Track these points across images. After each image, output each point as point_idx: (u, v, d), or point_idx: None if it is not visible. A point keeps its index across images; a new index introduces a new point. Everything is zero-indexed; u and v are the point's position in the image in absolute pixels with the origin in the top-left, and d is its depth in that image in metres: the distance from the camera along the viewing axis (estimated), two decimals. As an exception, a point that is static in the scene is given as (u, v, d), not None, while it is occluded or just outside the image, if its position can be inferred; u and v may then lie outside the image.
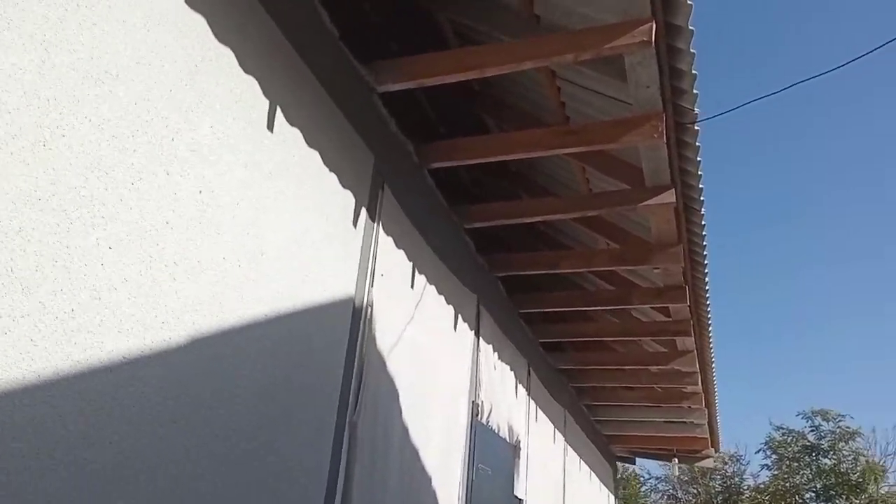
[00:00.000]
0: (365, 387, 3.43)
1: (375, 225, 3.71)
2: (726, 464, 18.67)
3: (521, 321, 6.81)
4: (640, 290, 6.14)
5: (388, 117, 4.04)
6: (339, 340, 3.28)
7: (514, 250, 5.94)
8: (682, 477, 19.07)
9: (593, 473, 10.20)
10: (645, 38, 3.24)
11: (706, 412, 9.39)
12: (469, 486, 4.88)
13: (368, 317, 3.54)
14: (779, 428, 18.23)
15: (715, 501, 17.95)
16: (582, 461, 9.38)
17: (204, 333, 2.35)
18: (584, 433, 9.77)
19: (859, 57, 3.86)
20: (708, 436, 10.87)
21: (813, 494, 17.29)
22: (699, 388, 8.49)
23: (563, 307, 6.42)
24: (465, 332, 5.08)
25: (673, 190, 4.58)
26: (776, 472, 17.95)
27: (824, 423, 17.90)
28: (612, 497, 11.77)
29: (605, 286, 6.48)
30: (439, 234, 4.70)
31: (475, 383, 5.17)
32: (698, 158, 4.37)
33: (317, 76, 3.17)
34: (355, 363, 3.40)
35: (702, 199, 4.79)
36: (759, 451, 18.54)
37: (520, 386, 6.44)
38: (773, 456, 18.33)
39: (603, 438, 11.42)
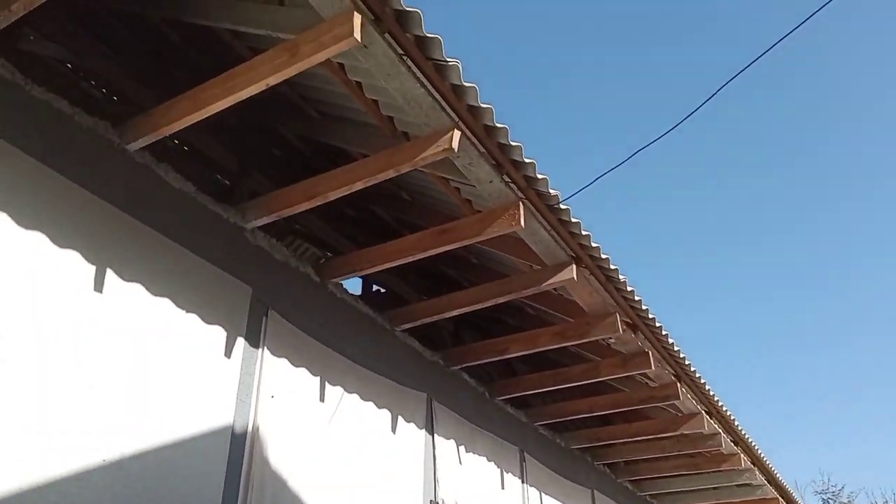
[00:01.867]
0: (253, 508, 3.63)
1: (260, 350, 4.00)
2: None
3: (508, 408, 6.83)
4: (608, 361, 6.10)
5: (278, 246, 4.42)
6: (215, 469, 3.53)
7: (466, 342, 6.08)
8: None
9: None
10: (446, 147, 3.49)
11: (755, 471, 8.87)
12: (433, 590, 4.88)
13: (255, 440, 3.78)
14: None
15: None
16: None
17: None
18: (632, 511, 9.38)
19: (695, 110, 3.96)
20: (778, 495, 10.21)
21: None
22: (734, 448, 8.11)
23: (538, 389, 6.42)
24: (413, 432, 5.20)
25: (573, 266, 4.68)
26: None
27: None
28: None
29: (578, 361, 6.46)
30: (362, 343, 4.93)
31: (432, 481, 5.24)
32: (585, 232, 4.49)
33: (163, 232, 3.58)
34: (240, 487, 3.62)
35: (613, 266, 4.86)
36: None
37: (508, 475, 6.39)
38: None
39: (667, 512, 10.86)
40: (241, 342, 3.89)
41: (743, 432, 8.05)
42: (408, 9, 3.06)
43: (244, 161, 4.57)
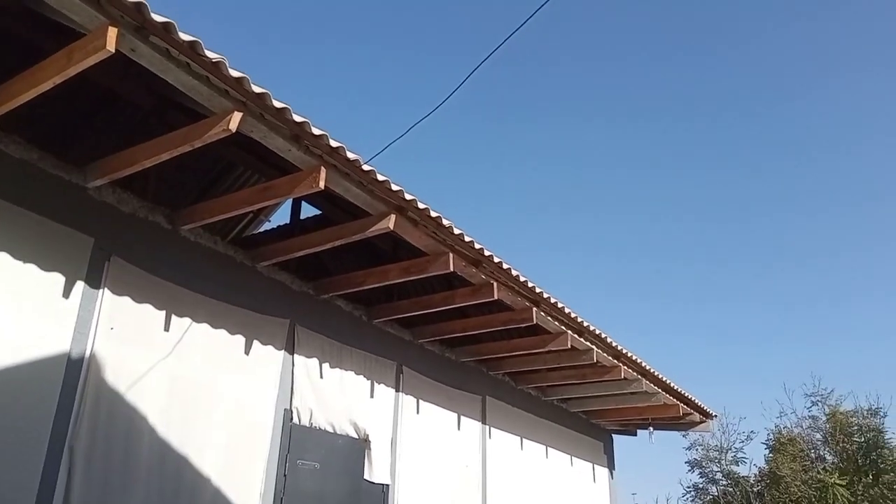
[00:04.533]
0: (86, 420, 4.52)
1: (100, 291, 4.79)
2: (865, 418, 17.84)
3: (390, 328, 7.68)
4: (461, 291, 6.86)
5: (127, 199, 5.13)
6: (50, 389, 4.39)
7: (335, 273, 6.84)
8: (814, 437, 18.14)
9: (554, 449, 10.77)
10: (226, 127, 4.12)
11: (642, 380, 9.79)
12: (282, 480, 5.87)
13: (91, 365, 4.62)
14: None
15: (856, 457, 17.06)
16: (527, 440, 10.03)
17: None
18: (534, 414, 10.41)
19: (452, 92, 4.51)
20: (678, 403, 11.21)
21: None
22: (614, 361, 9.00)
23: (405, 313, 7.25)
24: (270, 352, 6.06)
25: (392, 215, 5.36)
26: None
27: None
28: (598, 468, 12.21)
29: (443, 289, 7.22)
30: (220, 280, 5.71)
31: (289, 392, 6.15)
32: (395, 187, 5.15)
33: (4, 198, 4.29)
34: (74, 404, 4.50)
35: (431, 213, 5.52)
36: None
37: (381, 385, 7.32)
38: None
39: (579, 416, 11.93)
40: (80, 285, 4.67)
41: (620, 348, 8.89)
42: (164, 19, 3.62)
43: (85, 126, 5.21)
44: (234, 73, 3.97)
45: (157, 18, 3.60)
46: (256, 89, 4.10)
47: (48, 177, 4.64)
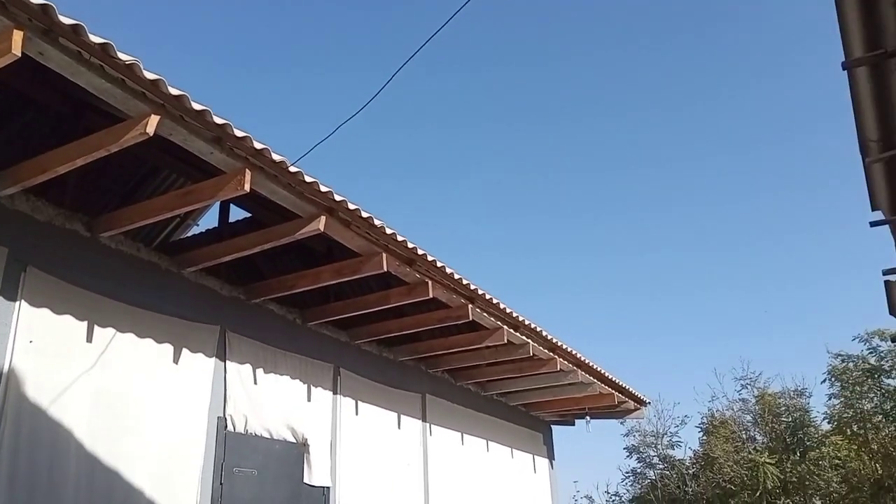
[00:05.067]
0: (6, 439, 4.34)
1: (17, 303, 4.61)
2: (792, 398, 18.44)
3: (324, 330, 7.62)
4: (396, 290, 6.86)
5: (42, 207, 4.95)
6: (-34, 406, 4.20)
7: (269, 277, 6.76)
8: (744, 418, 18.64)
9: (495, 442, 10.89)
10: (143, 131, 4.02)
11: (578, 371, 10.00)
12: (218, 489, 5.76)
13: (9, 380, 4.44)
14: (837, 355, 17.32)
15: (784, 436, 17.61)
16: (468, 435, 10.12)
17: None
18: (474, 409, 10.50)
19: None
20: (613, 392, 11.49)
21: (882, 417, 16.77)
22: (549, 353, 9.16)
23: (341, 314, 7.21)
24: (200, 360, 5.93)
25: (322, 217, 5.33)
26: (841, 400, 17.32)
27: (882, 343, 17.05)
28: (538, 459, 12.41)
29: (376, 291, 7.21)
30: (144, 288, 5.56)
31: (222, 400, 6.04)
32: (324, 188, 5.12)
33: None
34: (-7, 417, 4.32)
35: (363, 213, 5.51)
36: (823, 382, 17.83)
37: (318, 388, 7.26)
38: (837, 384, 17.69)
39: (518, 409, 12.10)
40: (-7, 298, 4.48)
41: (555, 340, 9.06)
42: (74, 21, 3.51)
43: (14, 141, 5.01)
44: (150, 76, 3.88)
45: (66, 21, 3.49)
46: (174, 91, 4.02)
47: (-45, 187, 4.44)
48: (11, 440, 4.39)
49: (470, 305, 7.33)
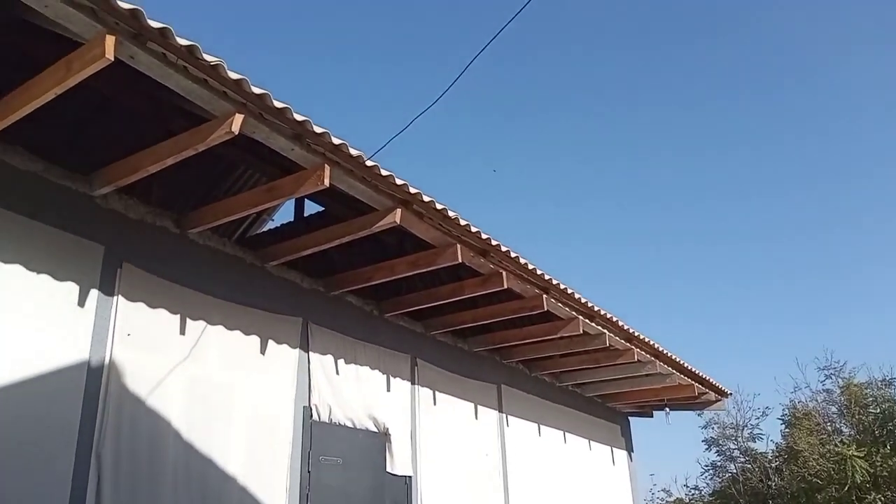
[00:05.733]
0: (110, 427, 4.57)
1: (115, 298, 4.84)
2: (879, 389, 17.75)
3: (401, 322, 7.72)
4: (470, 281, 6.88)
5: (134, 205, 5.18)
6: (73, 396, 4.45)
7: (343, 269, 6.88)
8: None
9: (572, 434, 10.81)
10: (228, 130, 4.15)
11: (657, 362, 9.81)
12: (306, 476, 5.93)
13: (111, 371, 4.68)
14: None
15: (873, 428, 16.92)
16: (545, 426, 10.07)
17: None
18: (550, 400, 10.44)
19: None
20: (693, 382, 11.22)
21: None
22: (626, 344, 9.02)
23: (416, 306, 7.28)
24: (285, 351, 6.11)
25: (398, 210, 5.39)
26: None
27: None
28: (616, 451, 12.24)
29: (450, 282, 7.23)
30: (230, 282, 5.76)
31: (307, 390, 6.20)
32: (399, 181, 5.18)
33: (14, 210, 4.34)
34: (97, 409, 4.56)
35: (437, 205, 5.55)
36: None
37: (397, 378, 7.36)
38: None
39: (595, 400, 11.96)
40: (94, 293, 4.72)
41: (632, 330, 8.90)
42: (161, 25, 3.65)
43: (86, 135, 5.26)
44: (233, 76, 4.00)
45: (154, 24, 3.63)
46: (256, 90, 4.13)
47: (55, 187, 4.69)
48: (114, 429, 4.62)
49: (544, 296, 7.28)
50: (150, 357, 4.98)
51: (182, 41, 3.75)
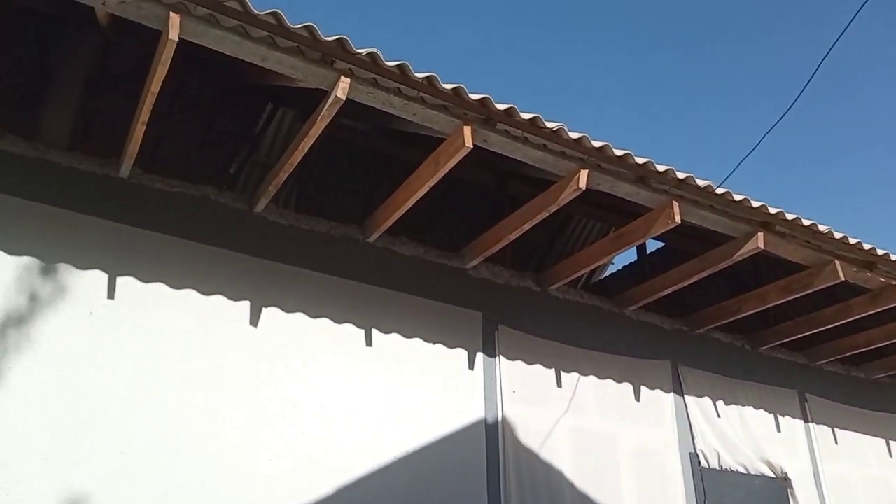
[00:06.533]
0: (510, 478, 4.93)
1: (497, 359, 5.28)
2: None
3: (779, 354, 7.08)
4: (858, 300, 6.06)
5: (499, 272, 5.65)
6: (477, 453, 4.90)
7: (697, 305, 6.56)
8: None
9: None
10: (576, 187, 4.33)
11: None
12: (702, 527, 5.67)
13: (504, 427, 5.07)
14: None
15: None
16: None
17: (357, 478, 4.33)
18: None
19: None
20: None
21: None
22: None
23: (793, 336, 6.60)
24: (659, 396, 5.99)
25: (760, 234, 5.04)
26: None
27: None
28: None
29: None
30: (594, 331, 5.90)
31: (689, 437, 5.98)
32: (756, 203, 4.87)
33: (403, 290, 5.06)
34: (499, 464, 4.95)
35: (804, 222, 5.06)
36: None
37: (785, 417, 6.71)
38: None
39: None
40: (479, 356, 5.21)
41: None
42: (506, 105, 4.02)
43: (456, 218, 5.88)
44: (574, 135, 4.20)
45: (500, 107, 4.01)
46: (596, 144, 4.27)
47: (434, 266, 5.34)
48: (515, 480, 4.96)
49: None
50: (534, 411, 5.28)
51: (525, 115, 4.07)
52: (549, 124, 4.15)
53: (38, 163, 4.12)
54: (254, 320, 4.44)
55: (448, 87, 3.87)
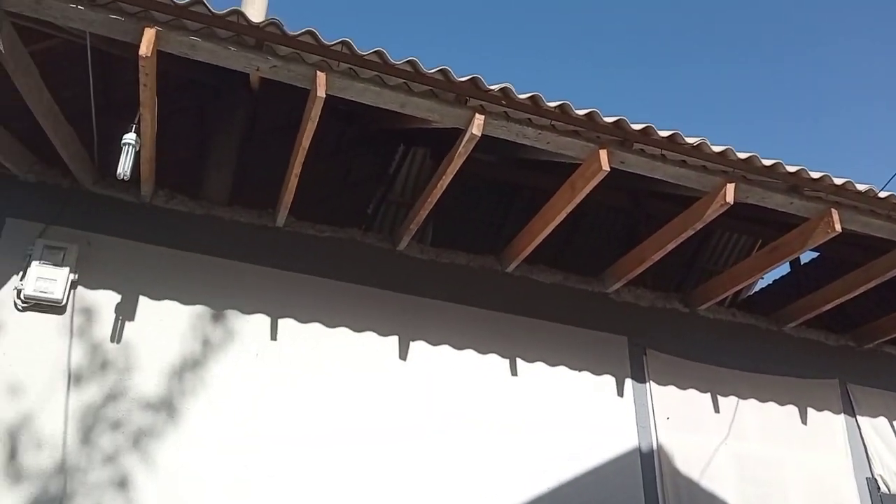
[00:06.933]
0: (671, 505, 4.74)
1: (647, 385, 5.12)
2: None
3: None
4: None
5: (642, 294, 5.50)
6: (633, 481, 4.76)
7: (859, 317, 6.05)
8: None
9: None
10: (723, 202, 4.16)
11: None
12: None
13: (661, 456, 4.89)
14: None
15: None
16: None
17: None
18: None
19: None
20: None
21: None
22: None
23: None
24: (828, 419, 5.56)
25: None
26: None
27: None
28: None
29: None
30: (751, 351, 5.58)
31: (864, 459, 5.50)
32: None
33: (547, 318, 5.04)
34: (657, 492, 4.77)
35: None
36: None
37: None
38: None
39: None
40: (628, 382, 5.07)
41: None
42: (642, 125, 3.94)
43: (589, 241, 5.80)
44: (717, 148, 4.04)
45: (635, 127, 3.94)
46: (742, 155, 4.10)
47: (574, 292, 5.28)
48: (676, 506, 4.77)
49: None
50: (691, 437, 5.06)
51: (662, 133, 3.98)
52: (689, 139, 4.03)
53: (205, 219, 4.50)
54: (402, 354, 4.59)
55: (581, 112, 3.86)
